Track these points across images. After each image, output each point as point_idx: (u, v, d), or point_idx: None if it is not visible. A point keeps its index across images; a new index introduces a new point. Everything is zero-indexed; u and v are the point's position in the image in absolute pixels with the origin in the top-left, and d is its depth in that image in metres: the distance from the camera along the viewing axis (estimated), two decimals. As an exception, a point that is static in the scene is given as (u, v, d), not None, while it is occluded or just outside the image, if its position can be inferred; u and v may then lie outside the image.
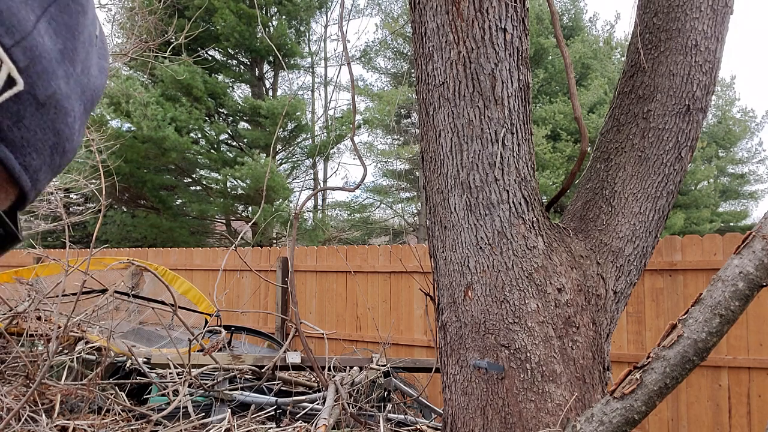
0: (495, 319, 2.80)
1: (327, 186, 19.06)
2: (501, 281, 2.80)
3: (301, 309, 6.43)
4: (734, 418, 4.10)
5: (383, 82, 21.04)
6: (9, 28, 0.36)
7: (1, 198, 0.40)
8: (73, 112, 0.43)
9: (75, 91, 0.43)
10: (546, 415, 2.75)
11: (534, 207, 2.92)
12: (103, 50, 0.49)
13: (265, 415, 4.02)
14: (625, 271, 3.00)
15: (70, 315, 3.84)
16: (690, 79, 2.97)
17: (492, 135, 2.83)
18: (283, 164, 17.00)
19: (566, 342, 2.80)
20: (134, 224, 14.28)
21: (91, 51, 0.45)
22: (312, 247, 6.76)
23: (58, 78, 0.40)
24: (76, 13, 0.42)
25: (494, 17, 2.82)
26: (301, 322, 4.83)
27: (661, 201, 3.03)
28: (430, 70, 2.94)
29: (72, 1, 0.42)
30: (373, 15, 30.15)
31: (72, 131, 0.44)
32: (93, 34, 0.46)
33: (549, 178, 14.57)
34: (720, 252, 4.22)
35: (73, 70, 0.42)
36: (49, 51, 0.40)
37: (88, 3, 0.44)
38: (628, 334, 4.53)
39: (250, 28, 14.25)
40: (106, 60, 0.50)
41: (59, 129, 0.42)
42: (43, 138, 0.41)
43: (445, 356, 3.02)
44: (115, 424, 3.71)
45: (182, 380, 4.00)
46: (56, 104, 0.41)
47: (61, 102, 0.41)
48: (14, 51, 0.37)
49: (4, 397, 3.53)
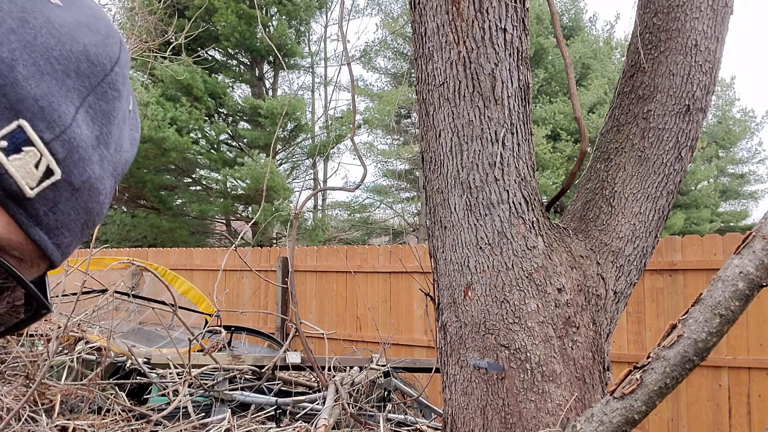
0: (495, 319, 2.80)
1: (327, 186, 19.06)
2: (501, 281, 2.80)
3: (301, 309, 6.43)
4: (734, 418, 4.10)
5: (383, 82, 21.05)
6: (50, 123, 0.38)
7: (33, 272, 0.42)
8: (105, 190, 0.45)
9: (107, 170, 0.45)
10: (546, 415, 2.75)
11: (534, 207, 2.92)
12: (135, 122, 0.50)
13: (265, 415, 4.02)
14: (625, 271, 3.00)
15: (70, 315, 3.84)
16: (690, 79, 2.97)
17: (492, 135, 2.83)
18: (283, 164, 17.00)
19: (566, 342, 2.80)
20: (134, 224, 14.29)
21: (123, 128, 0.47)
22: (312, 247, 6.76)
23: (93, 163, 0.43)
24: (112, 98, 0.44)
25: (494, 17, 2.82)
26: (301, 322, 4.83)
27: (661, 201, 3.02)
28: (430, 70, 2.94)
29: (109, 87, 0.44)
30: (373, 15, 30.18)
31: (102, 207, 0.46)
32: (126, 110, 0.47)
33: (549, 178, 14.58)
34: (720, 252, 4.22)
35: (107, 152, 0.44)
36: (86, 139, 0.41)
37: (124, 84, 0.46)
38: (628, 334, 4.53)
39: (250, 28, 14.25)
40: (138, 130, 0.51)
41: (91, 208, 0.44)
42: (76, 218, 0.43)
43: (445, 356, 3.02)
44: (115, 424, 3.71)
45: (182, 380, 4.00)
46: (90, 187, 0.43)
47: (95, 184, 0.44)
48: (54, 144, 0.39)
49: (4, 397, 3.53)
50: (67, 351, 4.35)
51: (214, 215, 15.68)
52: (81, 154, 0.41)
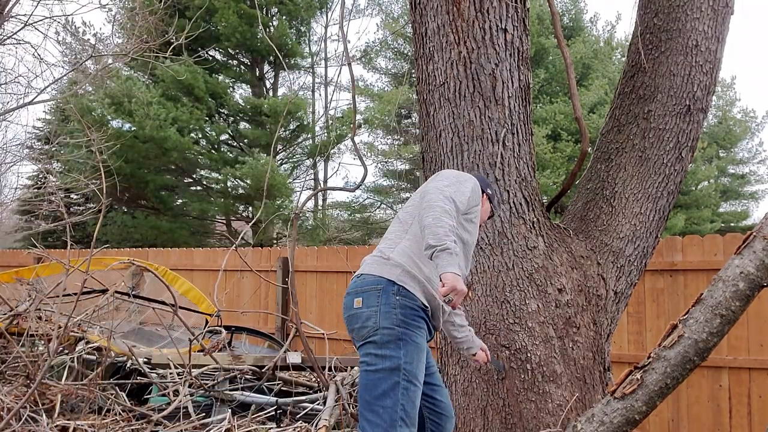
0: (495, 319, 2.80)
1: (327, 186, 19.05)
2: (501, 281, 2.80)
3: (302, 309, 6.43)
4: (735, 418, 4.10)
5: (384, 82, 21.04)
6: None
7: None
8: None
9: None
10: (546, 416, 2.75)
11: (534, 207, 2.92)
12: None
13: (265, 416, 4.02)
14: (625, 272, 3.00)
15: (71, 315, 3.83)
16: (690, 79, 2.96)
17: (492, 135, 2.83)
18: (283, 164, 16.99)
19: (567, 342, 2.80)
20: (135, 225, 14.28)
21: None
22: (312, 248, 6.76)
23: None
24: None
25: (495, 17, 2.82)
26: (302, 322, 4.83)
27: (661, 201, 3.02)
28: (431, 70, 2.94)
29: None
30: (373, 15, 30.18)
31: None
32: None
33: (549, 179, 14.57)
34: (721, 252, 4.22)
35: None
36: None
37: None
38: (629, 334, 4.53)
39: (251, 28, 14.25)
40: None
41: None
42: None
43: (445, 356, 3.02)
44: (116, 424, 3.71)
45: (183, 380, 4.00)
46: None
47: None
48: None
49: (4, 397, 3.53)
50: (68, 351, 4.35)
51: (214, 215, 15.68)
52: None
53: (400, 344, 2.01)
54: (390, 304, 2.03)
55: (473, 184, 2.22)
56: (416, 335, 2.05)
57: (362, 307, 2.07)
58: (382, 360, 2.01)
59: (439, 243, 1.90)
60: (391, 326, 2.02)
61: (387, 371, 1.99)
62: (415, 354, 2.03)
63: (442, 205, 1.99)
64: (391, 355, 2.00)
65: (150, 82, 14.06)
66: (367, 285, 2.10)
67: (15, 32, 9.08)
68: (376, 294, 2.06)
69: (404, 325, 2.03)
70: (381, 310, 2.03)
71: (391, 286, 2.06)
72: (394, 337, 2.01)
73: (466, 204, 2.14)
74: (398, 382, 1.98)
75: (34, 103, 9.58)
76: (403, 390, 1.98)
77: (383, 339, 2.01)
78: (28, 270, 5.40)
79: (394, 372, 1.99)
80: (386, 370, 1.99)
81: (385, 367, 2.00)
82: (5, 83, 10.54)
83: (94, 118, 12.75)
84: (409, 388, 1.99)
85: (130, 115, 12.86)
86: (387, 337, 2.01)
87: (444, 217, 1.95)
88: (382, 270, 2.10)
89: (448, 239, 1.90)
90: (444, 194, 2.03)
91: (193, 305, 5.50)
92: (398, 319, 2.02)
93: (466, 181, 2.21)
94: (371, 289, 2.08)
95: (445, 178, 2.16)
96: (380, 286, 2.07)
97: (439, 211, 1.97)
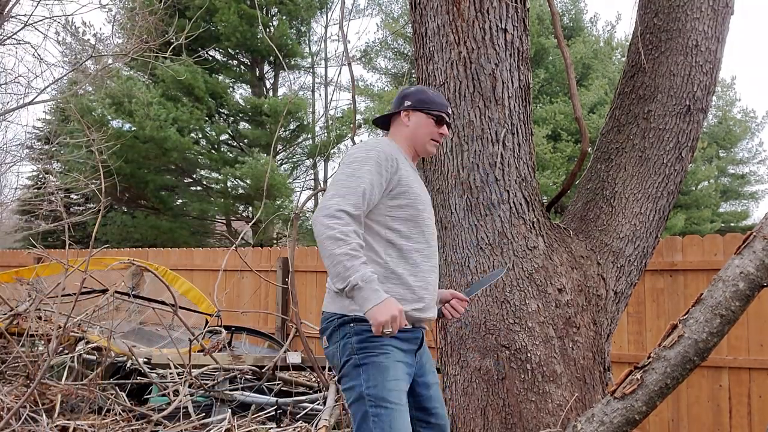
0: (495, 319, 2.80)
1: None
2: (501, 281, 2.80)
3: (302, 309, 6.43)
4: (735, 418, 4.10)
5: (384, 82, 21.03)
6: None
7: None
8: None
9: None
10: (546, 416, 2.75)
11: (534, 207, 2.92)
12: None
13: (265, 416, 4.02)
14: (625, 272, 3.00)
15: (70, 315, 3.84)
16: (690, 79, 2.96)
17: (492, 135, 2.83)
18: (283, 164, 17.00)
19: (567, 342, 2.80)
20: (134, 225, 14.29)
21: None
22: (312, 248, 6.76)
23: None
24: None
25: (495, 17, 2.82)
26: (302, 322, 4.84)
27: (661, 201, 3.02)
28: (431, 70, 2.94)
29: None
30: (373, 15, 30.16)
31: None
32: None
33: (549, 179, 14.56)
34: (721, 252, 4.22)
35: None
36: None
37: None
38: (629, 334, 4.53)
39: (251, 28, 14.25)
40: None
41: None
42: None
43: (445, 356, 3.02)
44: (116, 424, 3.71)
45: (183, 380, 4.00)
46: None
47: None
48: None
49: (4, 397, 3.53)
50: (68, 351, 4.35)
51: (214, 215, 15.69)
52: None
53: (360, 370, 1.92)
54: (346, 335, 1.96)
55: (375, 154, 1.99)
56: (378, 355, 1.93)
57: (329, 345, 2.02)
58: (349, 393, 1.95)
59: (344, 283, 1.79)
60: (348, 357, 1.95)
61: (355, 403, 1.93)
62: (379, 375, 1.91)
63: (326, 231, 1.82)
64: (353, 386, 1.94)
65: (150, 82, 14.06)
66: (325, 322, 2.04)
67: (15, 32, 9.10)
68: (334, 330, 1.99)
69: (360, 350, 1.93)
70: (340, 345, 1.97)
71: (343, 318, 1.97)
72: (352, 366, 1.94)
73: (371, 188, 1.94)
74: (366, 411, 1.90)
75: (34, 103, 9.59)
76: (374, 418, 1.89)
77: (345, 372, 1.96)
78: (28, 270, 5.40)
79: (360, 402, 1.92)
80: (354, 402, 1.94)
81: (352, 398, 1.94)
82: (5, 83, 10.56)
83: (94, 118, 12.75)
84: (380, 414, 1.89)
85: (130, 115, 12.86)
86: (347, 368, 1.95)
87: (333, 248, 1.80)
88: (333, 304, 2.01)
89: (351, 273, 1.78)
90: (328, 212, 1.86)
91: (193, 305, 5.50)
92: (353, 347, 1.94)
93: (363, 162, 1.97)
94: (329, 326, 2.01)
95: (333, 183, 1.98)
96: (335, 322, 1.99)
97: (326, 244, 1.82)
